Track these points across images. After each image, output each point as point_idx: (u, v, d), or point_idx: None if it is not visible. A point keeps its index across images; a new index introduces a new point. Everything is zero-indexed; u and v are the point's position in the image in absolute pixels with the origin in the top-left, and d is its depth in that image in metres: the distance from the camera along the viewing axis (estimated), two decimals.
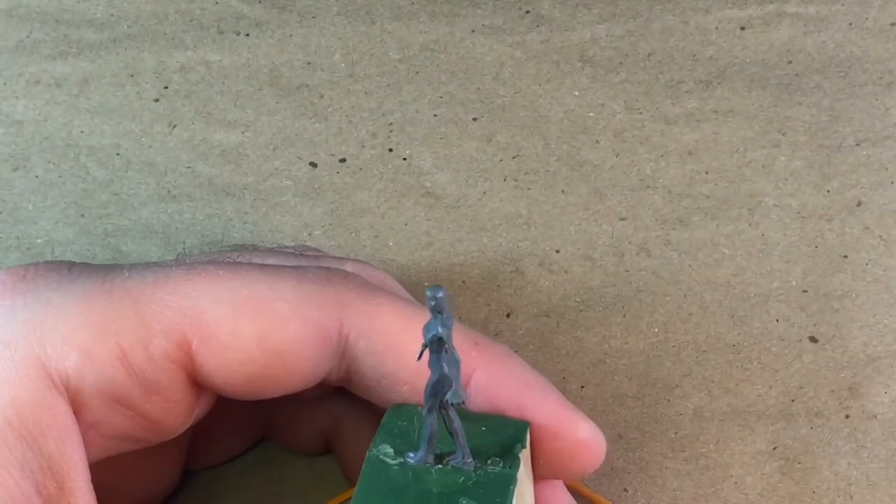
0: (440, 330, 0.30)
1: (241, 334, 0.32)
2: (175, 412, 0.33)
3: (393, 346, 0.34)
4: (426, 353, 0.31)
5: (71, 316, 0.31)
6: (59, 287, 0.32)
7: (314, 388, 0.35)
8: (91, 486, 0.31)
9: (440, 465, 0.31)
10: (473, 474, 0.31)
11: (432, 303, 0.30)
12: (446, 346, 0.30)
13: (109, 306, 0.32)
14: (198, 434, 0.38)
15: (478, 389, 0.33)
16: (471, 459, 0.32)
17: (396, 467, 0.31)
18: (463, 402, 0.30)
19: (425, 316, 0.34)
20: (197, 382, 0.33)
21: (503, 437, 0.33)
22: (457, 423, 0.32)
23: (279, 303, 0.33)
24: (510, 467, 0.31)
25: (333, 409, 0.38)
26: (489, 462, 0.32)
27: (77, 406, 0.31)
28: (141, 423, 0.33)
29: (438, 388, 0.31)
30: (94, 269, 0.33)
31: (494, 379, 0.33)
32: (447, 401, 0.31)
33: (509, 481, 0.31)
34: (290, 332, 0.33)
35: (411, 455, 0.32)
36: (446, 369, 0.31)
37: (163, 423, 0.33)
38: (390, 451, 0.31)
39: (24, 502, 0.29)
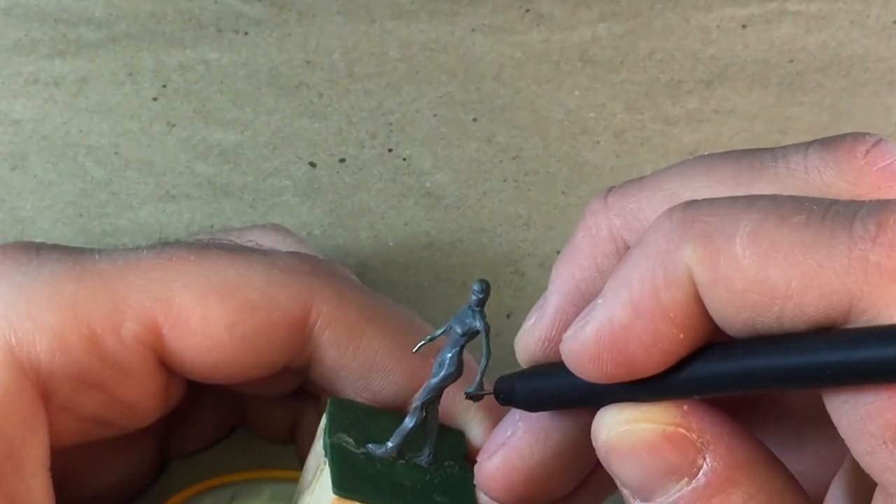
0: (480, 324, 0.30)
1: (210, 320, 0.32)
2: (147, 395, 0.33)
3: (356, 339, 0.34)
4: (434, 346, 0.31)
5: (40, 299, 0.31)
6: (27, 270, 0.32)
7: (289, 382, 0.36)
8: (48, 473, 0.31)
9: (402, 461, 0.32)
10: (437, 474, 0.32)
11: (480, 296, 0.30)
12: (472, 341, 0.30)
13: (80, 289, 0.32)
14: (172, 422, 0.38)
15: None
16: (432, 458, 0.32)
17: (362, 457, 0.31)
18: (482, 398, 0.31)
19: (388, 309, 0.35)
20: (167, 366, 0.33)
21: (447, 442, 0.33)
22: (435, 423, 0.32)
23: (249, 290, 0.33)
24: (467, 471, 0.32)
25: (301, 398, 0.38)
26: (446, 464, 0.32)
27: (49, 390, 0.31)
28: (114, 407, 0.33)
29: (447, 381, 0.31)
30: (63, 251, 0.33)
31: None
32: (468, 393, 0.31)
33: (470, 484, 0.32)
34: (260, 319, 0.33)
35: (372, 447, 0.32)
36: (453, 367, 0.31)
37: (136, 406, 0.33)
38: (350, 440, 0.32)
39: None
